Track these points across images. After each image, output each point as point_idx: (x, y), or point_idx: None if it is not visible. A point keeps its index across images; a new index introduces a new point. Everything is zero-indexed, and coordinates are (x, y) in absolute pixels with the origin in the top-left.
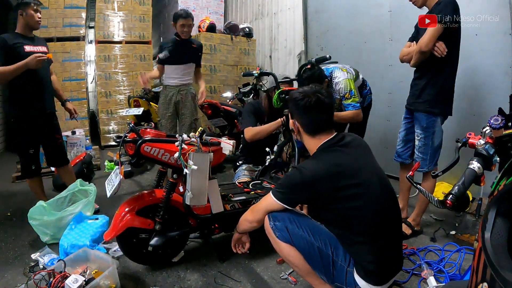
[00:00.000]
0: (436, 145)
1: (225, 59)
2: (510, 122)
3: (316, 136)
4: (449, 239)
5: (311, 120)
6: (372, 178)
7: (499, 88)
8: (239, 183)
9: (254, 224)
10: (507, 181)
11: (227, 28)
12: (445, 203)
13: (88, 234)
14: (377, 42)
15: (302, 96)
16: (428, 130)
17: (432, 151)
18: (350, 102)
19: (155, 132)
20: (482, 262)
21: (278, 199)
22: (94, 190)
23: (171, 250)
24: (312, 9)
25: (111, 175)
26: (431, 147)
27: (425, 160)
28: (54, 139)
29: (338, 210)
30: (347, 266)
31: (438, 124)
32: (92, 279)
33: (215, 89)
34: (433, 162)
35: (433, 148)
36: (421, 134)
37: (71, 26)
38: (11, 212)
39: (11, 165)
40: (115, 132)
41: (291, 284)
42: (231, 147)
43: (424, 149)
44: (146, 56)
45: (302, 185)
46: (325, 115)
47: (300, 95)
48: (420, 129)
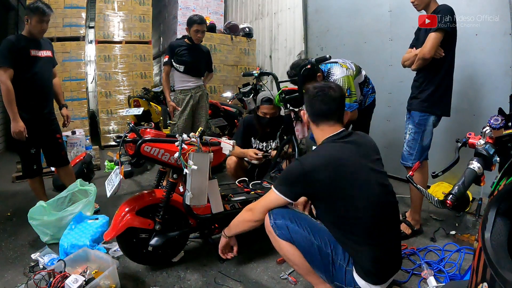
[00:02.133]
0: (424, 144)
1: (225, 59)
2: (510, 122)
3: (320, 125)
4: (449, 239)
5: (315, 108)
6: (370, 179)
7: (499, 88)
8: (239, 183)
9: (256, 223)
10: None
11: (227, 28)
12: (445, 203)
13: (88, 234)
14: (377, 42)
15: (313, 88)
16: (420, 126)
17: (419, 148)
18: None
19: (155, 132)
20: (482, 262)
21: (279, 192)
22: (94, 190)
23: (171, 250)
24: (312, 9)
25: (111, 175)
26: (420, 144)
27: (412, 154)
28: (54, 139)
29: (337, 209)
30: (346, 265)
31: (429, 123)
32: (92, 279)
33: (215, 89)
34: (418, 158)
35: (422, 145)
36: (412, 129)
37: (71, 26)
38: (11, 212)
39: (11, 165)
40: (115, 132)
41: (291, 284)
42: (231, 147)
43: (412, 143)
44: (146, 56)
45: (303, 175)
46: (327, 106)
47: (311, 87)
48: (412, 124)
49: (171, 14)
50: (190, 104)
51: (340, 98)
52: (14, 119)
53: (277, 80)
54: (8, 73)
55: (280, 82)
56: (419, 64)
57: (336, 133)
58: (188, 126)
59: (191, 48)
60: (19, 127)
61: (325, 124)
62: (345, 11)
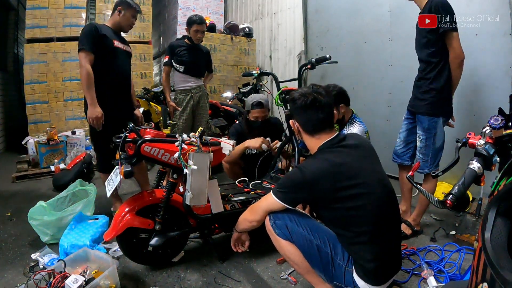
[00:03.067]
0: (437, 146)
1: (225, 59)
2: (510, 122)
3: (316, 135)
4: (449, 239)
5: (308, 119)
6: (372, 179)
7: (499, 88)
8: (239, 183)
9: (254, 223)
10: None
11: (227, 28)
12: (445, 203)
13: (88, 234)
14: (377, 42)
15: (299, 95)
16: (430, 131)
17: (433, 152)
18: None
19: (155, 132)
20: (482, 262)
21: (279, 199)
22: (94, 190)
23: (171, 250)
24: (312, 9)
25: (111, 175)
26: (433, 149)
27: (426, 161)
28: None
29: (338, 210)
30: (346, 265)
31: (439, 126)
32: (92, 279)
33: (215, 89)
34: (434, 164)
35: (435, 149)
36: (422, 135)
37: (71, 26)
38: (11, 212)
39: (11, 165)
40: None
41: (291, 284)
42: (231, 147)
43: (425, 150)
44: (146, 56)
45: (303, 184)
46: (322, 114)
47: (297, 95)
48: (422, 131)
49: (171, 14)
50: (190, 104)
51: (331, 102)
52: (92, 103)
53: (277, 80)
54: (88, 58)
55: (280, 82)
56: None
57: (331, 138)
58: (188, 126)
59: (191, 48)
60: (96, 112)
61: (322, 133)
62: (345, 11)
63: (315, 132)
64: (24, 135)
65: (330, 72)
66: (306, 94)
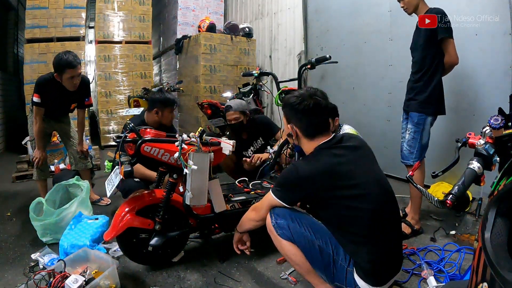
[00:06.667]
0: (424, 142)
1: (225, 59)
2: (510, 122)
3: (315, 139)
4: (449, 239)
5: (310, 123)
6: (370, 179)
7: (499, 88)
8: (239, 183)
9: (259, 222)
10: (507, 181)
11: (227, 28)
12: (445, 203)
13: (88, 234)
14: (377, 42)
15: (300, 100)
16: (419, 126)
17: (419, 146)
18: None
19: (155, 132)
20: (482, 262)
21: (277, 197)
22: (87, 187)
23: (171, 250)
24: (312, 9)
25: (111, 175)
26: (420, 143)
27: (412, 153)
28: None
29: (334, 210)
30: (347, 265)
31: (427, 123)
32: (92, 279)
33: (215, 89)
34: (418, 157)
35: (421, 144)
36: (411, 128)
37: (71, 26)
38: (11, 212)
39: (11, 165)
40: (115, 132)
41: (291, 284)
42: (231, 147)
43: (412, 142)
44: (146, 56)
45: (299, 183)
46: (323, 118)
47: (297, 99)
48: (412, 124)
49: (171, 14)
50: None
51: (328, 103)
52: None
53: (277, 80)
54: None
55: (280, 82)
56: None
57: (329, 140)
58: None
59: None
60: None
61: (321, 135)
62: (345, 11)
63: (315, 135)
64: (24, 135)
65: (330, 72)
66: (307, 98)
